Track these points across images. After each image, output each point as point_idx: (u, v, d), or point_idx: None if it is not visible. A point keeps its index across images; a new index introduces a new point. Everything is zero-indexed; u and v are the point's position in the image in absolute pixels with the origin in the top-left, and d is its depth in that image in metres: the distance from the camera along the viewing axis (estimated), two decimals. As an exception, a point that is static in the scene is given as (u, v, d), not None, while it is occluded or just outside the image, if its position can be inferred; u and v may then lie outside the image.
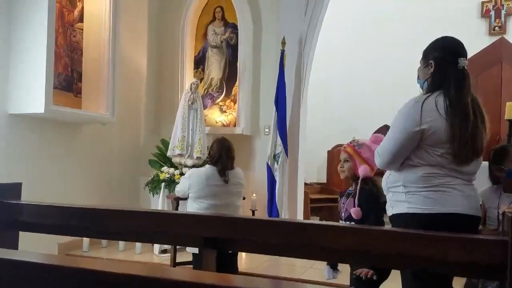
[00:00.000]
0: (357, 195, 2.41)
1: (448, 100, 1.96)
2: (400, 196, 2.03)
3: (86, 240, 4.61)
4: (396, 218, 2.06)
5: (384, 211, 2.22)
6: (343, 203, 2.53)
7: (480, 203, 2.15)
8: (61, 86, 4.57)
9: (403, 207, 2.01)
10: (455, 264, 1.59)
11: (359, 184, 2.45)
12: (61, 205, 2.13)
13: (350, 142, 2.60)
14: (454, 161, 1.96)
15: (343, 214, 2.52)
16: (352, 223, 2.38)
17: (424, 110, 1.96)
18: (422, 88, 2.16)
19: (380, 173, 2.29)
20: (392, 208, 2.08)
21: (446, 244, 1.58)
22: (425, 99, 2.00)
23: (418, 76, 2.18)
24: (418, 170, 1.99)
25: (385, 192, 2.17)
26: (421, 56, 2.17)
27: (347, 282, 2.74)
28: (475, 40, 6.85)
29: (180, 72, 5.61)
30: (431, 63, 2.08)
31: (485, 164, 2.28)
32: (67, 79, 4.67)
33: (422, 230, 1.72)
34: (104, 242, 4.90)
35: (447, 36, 2.14)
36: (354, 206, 2.41)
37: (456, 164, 1.96)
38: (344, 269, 2.56)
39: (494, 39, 6.81)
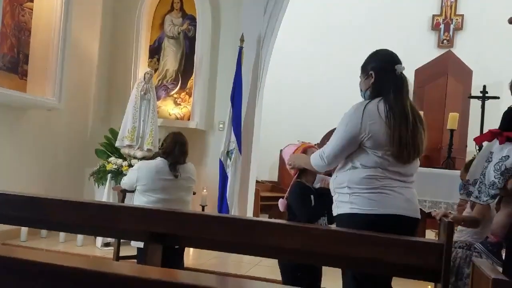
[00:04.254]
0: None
1: (388, 104, 2.08)
2: (345, 197, 2.11)
3: (24, 229, 4.39)
4: (340, 218, 2.16)
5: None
6: None
7: None
8: (5, 67, 4.32)
9: (346, 207, 2.10)
10: (393, 265, 1.66)
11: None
12: (-1, 192, 2.02)
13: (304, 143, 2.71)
14: (395, 162, 2.06)
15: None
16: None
17: (365, 114, 2.07)
18: (365, 99, 2.25)
19: (329, 174, 2.38)
20: (337, 208, 2.17)
21: (385, 245, 1.64)
22: (367, 103, 2.12)
23: (360, 89, 2.29)
24: (362, 172, 2.08)
25: (332, 193, 2.25)
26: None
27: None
28: (424, 51, 7.18)
29: (133, 60, 5.44)
30: (371, 73, 2.20)
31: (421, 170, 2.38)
32: (13, 60, 4.41)
33: (363, 231, 1.79)
34: (43, 232, 4.69)
35: (381, 49, 2.29)
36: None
37: (397, 165, 2.06)
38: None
39: (442, 51, 7.14)
